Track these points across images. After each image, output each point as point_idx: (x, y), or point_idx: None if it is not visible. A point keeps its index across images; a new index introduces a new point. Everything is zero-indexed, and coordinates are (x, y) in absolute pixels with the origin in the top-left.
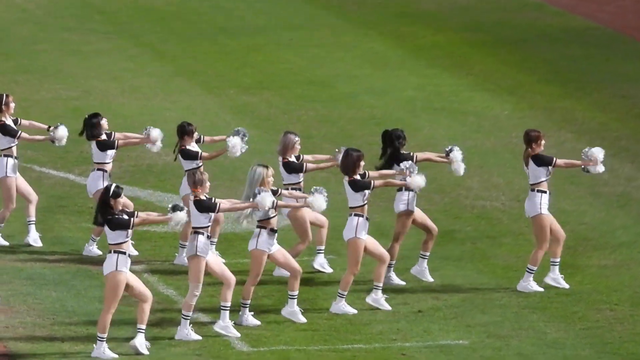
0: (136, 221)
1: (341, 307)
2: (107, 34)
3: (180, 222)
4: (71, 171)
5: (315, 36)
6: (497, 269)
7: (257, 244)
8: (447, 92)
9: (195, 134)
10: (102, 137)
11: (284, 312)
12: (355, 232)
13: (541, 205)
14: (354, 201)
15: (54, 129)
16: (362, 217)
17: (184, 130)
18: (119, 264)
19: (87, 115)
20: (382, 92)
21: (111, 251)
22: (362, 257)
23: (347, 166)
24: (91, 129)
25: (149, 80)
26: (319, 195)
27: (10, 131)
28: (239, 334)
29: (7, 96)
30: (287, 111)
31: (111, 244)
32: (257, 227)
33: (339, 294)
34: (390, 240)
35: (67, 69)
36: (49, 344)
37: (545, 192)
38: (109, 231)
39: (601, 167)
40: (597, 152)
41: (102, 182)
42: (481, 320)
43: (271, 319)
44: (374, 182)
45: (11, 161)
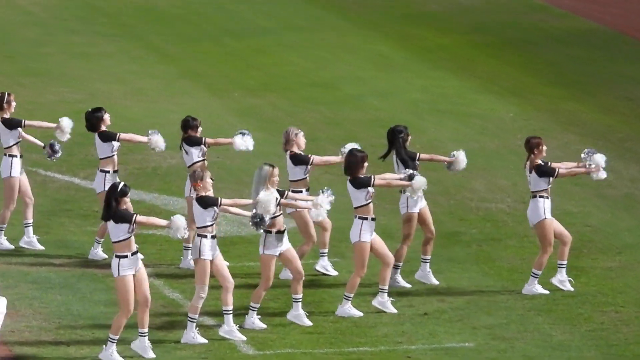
0: (139, 218)
1: (347, 309)
2: (112, 37)
3: (179, 228)
4: (76, 175)
5: (320, 38)
6: (503, 271)
7: (264, 249)
8: (452, 94)
9: (199, 129)
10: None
11: (289, 316)
12: (359, 235)
13: (544, 210)
14: (357, 201)
15: (56, 127)
16: (366, 219)
17: (188, 124)
18: (120, 268)
19: (90, 109)
20: (387, 94)
21: (115, 255)
22: (368, 259)
23: (351, 166)
24: (94, 121)
25: (154, 82)
26: (323, 200)
27: (14, 122)
28: (244, 338)
29: (8, 94)
30: (292, 113)
31: (115, 243)
32: (263, 231)
33: (345, 297)
34: (397, 242)
35: (72, 71)
36: (55, 347)
37: (547, 198)
38: (112, 227)
39: (603, 174)
40: (599, 158)
41: (105, 182)
42: (486, 322)
43: (277, 322)
44: (374, 177)
45: (16, 161)
